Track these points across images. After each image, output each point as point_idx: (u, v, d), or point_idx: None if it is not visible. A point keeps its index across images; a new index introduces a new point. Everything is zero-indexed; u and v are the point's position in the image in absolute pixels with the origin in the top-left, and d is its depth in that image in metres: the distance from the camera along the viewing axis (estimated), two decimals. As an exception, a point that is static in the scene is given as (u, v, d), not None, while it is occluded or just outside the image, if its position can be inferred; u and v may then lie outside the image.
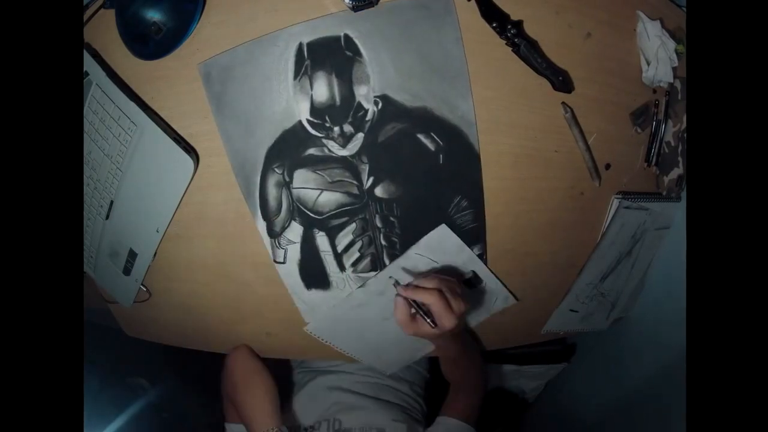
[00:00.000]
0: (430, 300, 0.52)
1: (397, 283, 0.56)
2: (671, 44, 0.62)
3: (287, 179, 0.59)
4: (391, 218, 0.61)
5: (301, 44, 0.54)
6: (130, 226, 0.64)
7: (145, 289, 0.70)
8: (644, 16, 0.62)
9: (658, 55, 0.62)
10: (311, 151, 0.58)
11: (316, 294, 0.66)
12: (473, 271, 0.65)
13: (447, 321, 0.53)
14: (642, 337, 0.86)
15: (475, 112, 0.58)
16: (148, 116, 0.56)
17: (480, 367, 0.74)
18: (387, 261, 0.63)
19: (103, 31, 0.57)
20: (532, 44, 0.56)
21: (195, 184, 0.59)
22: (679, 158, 0.71)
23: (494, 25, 0.55)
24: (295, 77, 0.55)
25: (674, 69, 0.63)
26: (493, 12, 0.55)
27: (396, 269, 0.63)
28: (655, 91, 0.67)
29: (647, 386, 0.84)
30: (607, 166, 0.67)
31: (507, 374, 1.12)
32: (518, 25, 0.55)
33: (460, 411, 0.70)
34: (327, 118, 0.56)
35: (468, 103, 0.57)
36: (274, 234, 0.62)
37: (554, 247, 0.69)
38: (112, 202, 0.63)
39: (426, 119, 0.57)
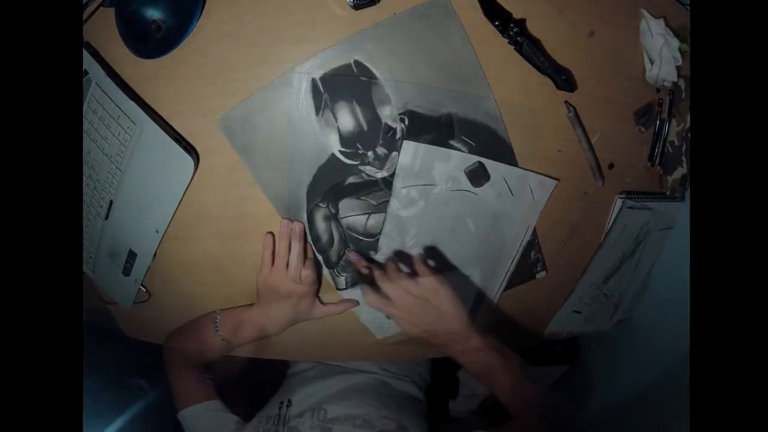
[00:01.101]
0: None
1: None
2: (675, 43, 0.62)
3: (333, 211, 0.60)
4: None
5: (314, 80, 0.55)
6: (130, 226, 0.64)
7: (144, 290, 0.69)
8: (647, 15, 0.62)
9: (662, 53, 0.61)
10: (351, 179, 0.58)
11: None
12: (479, 162, 0.59)
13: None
14: (646, 338, 0.86)
15: (498, 107, 0.58)
16: (148, 115, 0.55)
17: (526, 391, 0.56)
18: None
19: (102, 29, 0.57)
20: (535, 43, 0.56)
21: (195, 184, 0.58)
22: (683, 158, 0.70)
23: (496, 23, 0.55)
24: (317, 113, 0.56)
25: (678, 68, 0.63)
26: (496, 11, 0.55)
27: (393, 218, 0.60)
28: (658, 90, 0.67)
29: (651, 388, 0.83)
30: (611, 166, 0.66)
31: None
32: (521, 23, 0.55)
33: None
34: (358, 145, 0.57)
35: (490, 98, 0.57)
36: (331, 264, 0.63)
37: (557, 248, 0.68)
38: (111, 202, 0.62)
39: (454, 124, 0.57)
